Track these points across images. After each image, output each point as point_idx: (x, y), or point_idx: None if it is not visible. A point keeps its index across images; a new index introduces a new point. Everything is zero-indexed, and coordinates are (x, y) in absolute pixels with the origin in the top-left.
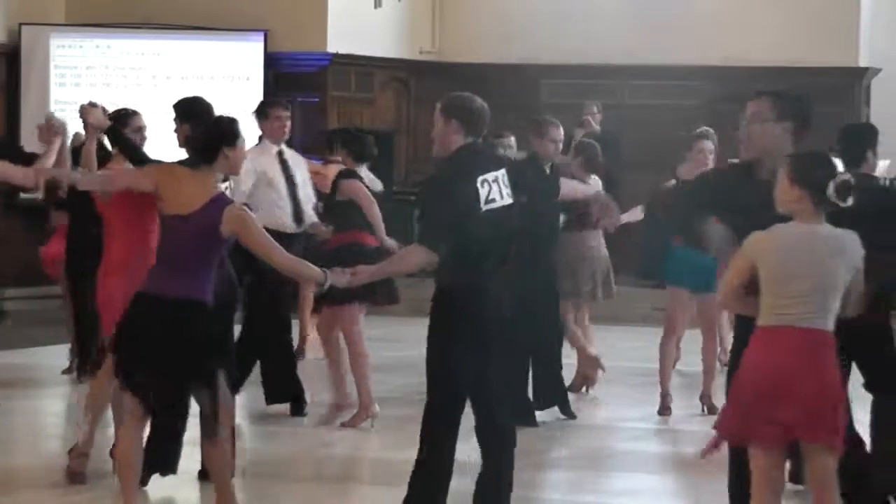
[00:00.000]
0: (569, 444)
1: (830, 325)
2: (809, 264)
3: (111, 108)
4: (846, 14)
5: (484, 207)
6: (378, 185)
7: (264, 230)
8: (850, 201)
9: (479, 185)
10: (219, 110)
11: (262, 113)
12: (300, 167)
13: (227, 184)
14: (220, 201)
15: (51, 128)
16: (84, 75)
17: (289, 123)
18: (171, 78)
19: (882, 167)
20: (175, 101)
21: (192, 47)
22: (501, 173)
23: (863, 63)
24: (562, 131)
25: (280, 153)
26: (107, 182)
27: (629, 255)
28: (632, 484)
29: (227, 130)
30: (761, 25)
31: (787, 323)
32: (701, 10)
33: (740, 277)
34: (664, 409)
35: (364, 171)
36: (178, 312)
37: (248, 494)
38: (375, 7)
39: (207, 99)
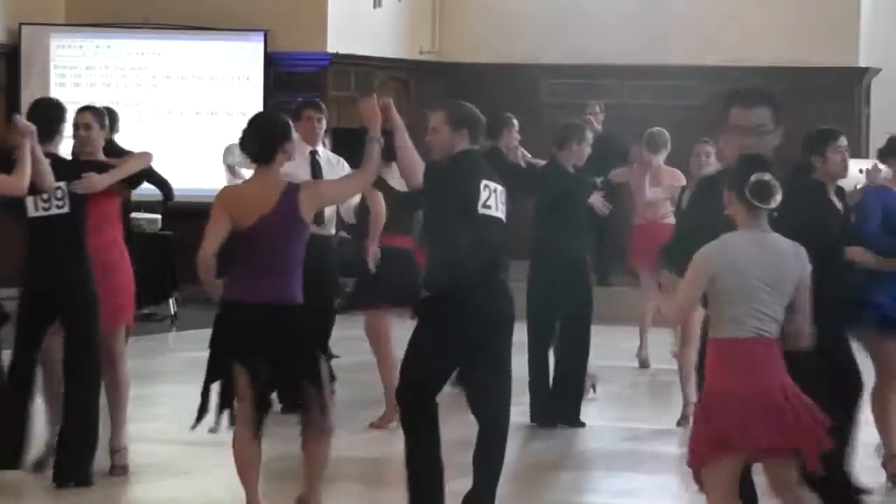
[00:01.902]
0: (569, 444)
1: (777, 333)
2: (761, 273)
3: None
4: (846, 14)
5: (480, 210)
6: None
7: (330, 181)
8: (772, 203)
9: (481, 187)
10: (219, 110)
11: (296, 114)
12: (336, 171)
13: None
14: (292, 189)
15: (18, 131)
16: (84, 75)
17: (320, 124)
18: (171, 78)
19: (883, 168)
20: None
21: (192, 47)
22: (501, 189)
23: (863, 63)
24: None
25: (313, 153)
26: None
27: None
28: (632, 484)
29: (280, 127)
30: (761, 25)
31: (743, 335)
32: (701, 10)
33: (699, 291)
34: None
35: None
36: (288, 317)
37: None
38: (375, 7)
39: (206, 99)
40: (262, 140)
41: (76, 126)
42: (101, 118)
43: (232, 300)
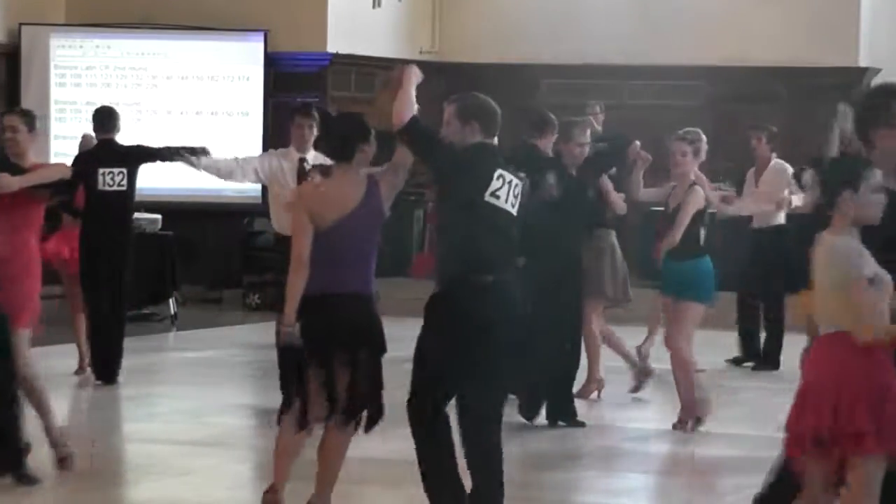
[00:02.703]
0: (569, 444)
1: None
2: (819, 273)
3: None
4: (846, 14)
5: (486, 198)
6: None
7: (386, 172)
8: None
9: (494, 176)
10: (219, 110)
11: (290, 119)
12: None
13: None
14: (374, 184)
15: None
16: (84, 75)
17: (310, 131)
18: (171, 78)
19: None
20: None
21: (192, 47)
22: (518, 183)
23: (863, 63)
24: (588, 133)
25: (302, 160)
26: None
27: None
28: (632, 484)
29: (359, 127)
30: (761, 25)
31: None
32: (701, 10)
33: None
34: (682, 424)
35: None
36: (371, 308)
37: (248, 495)
38: (375, 7)
39: (206, 99)
40: (340, 139)
41: (3, 129)
42: (29, 121)
43: (316, 294)
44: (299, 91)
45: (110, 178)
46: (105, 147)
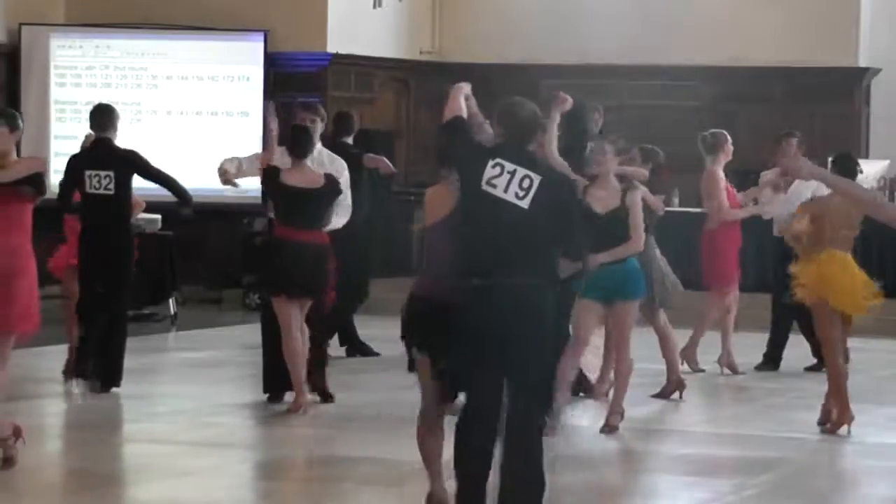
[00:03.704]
0: (568, 444)
1: None
2: None
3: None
4: (846, 14)
5: (483, 186)
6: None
7: None
8: None
9: (490, 164)
10: (219, 110)
11: (291, 115)
12: (328, 171)
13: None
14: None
15: None
16: (84, 75)
17: (313, 125)
18: (171, 78)
19: (882, 167)
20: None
21: (192, 47)
22: (528, 175)
23: (863, 63)
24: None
25: None
26: None
27: None
28: (632, 484)
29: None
30: (761, 25)
31: None
32: (701, 11)
33: None
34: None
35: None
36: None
37: (249, 495)
38: (375, 7)
39: (206, 99)
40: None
41: None
42: (10, 121)
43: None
44: (299, 91)
45: (97, 182)
46: (97, 147)
